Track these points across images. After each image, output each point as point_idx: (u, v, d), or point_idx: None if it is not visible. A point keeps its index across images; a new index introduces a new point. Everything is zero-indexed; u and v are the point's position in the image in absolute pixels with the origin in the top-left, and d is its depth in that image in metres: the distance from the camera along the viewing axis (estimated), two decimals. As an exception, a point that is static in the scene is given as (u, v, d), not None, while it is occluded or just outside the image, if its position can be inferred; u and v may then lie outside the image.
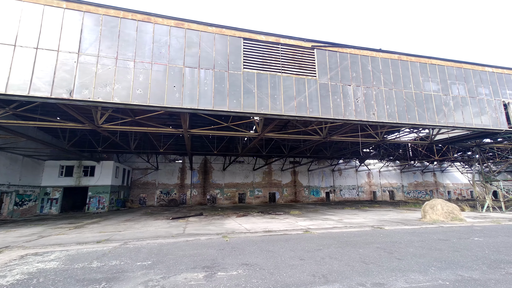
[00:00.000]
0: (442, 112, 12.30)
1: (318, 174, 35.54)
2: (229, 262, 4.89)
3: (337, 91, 11.14)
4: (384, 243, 6.91)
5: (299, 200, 33.77)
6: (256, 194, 32.40)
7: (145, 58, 8.78)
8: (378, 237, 7.88)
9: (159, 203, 28.34)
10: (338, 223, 11.60)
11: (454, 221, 11.49)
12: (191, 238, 7.75)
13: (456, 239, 7.44)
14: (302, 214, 16.36)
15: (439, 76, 12.72)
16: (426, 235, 8.06)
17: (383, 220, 12.57)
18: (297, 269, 4.43)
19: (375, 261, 5.02)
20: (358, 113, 11.22)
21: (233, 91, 9.71)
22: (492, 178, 16.77)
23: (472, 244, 6.65)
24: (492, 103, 13.10)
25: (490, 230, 9.10)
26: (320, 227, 10.17)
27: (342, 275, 4.15)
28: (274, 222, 12.13)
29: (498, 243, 6.79)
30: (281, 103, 10.28)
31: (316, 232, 8.84)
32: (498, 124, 12.91)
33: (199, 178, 30.78)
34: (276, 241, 7.19)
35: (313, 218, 13.56)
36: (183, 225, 11.24)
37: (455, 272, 4.35)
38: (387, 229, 9.58)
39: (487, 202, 16.68)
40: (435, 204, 12.08)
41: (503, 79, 13.54)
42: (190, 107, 9.02)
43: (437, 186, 41.36)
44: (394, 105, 11.76)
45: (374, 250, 6.05)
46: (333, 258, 5.25)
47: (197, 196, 30.13)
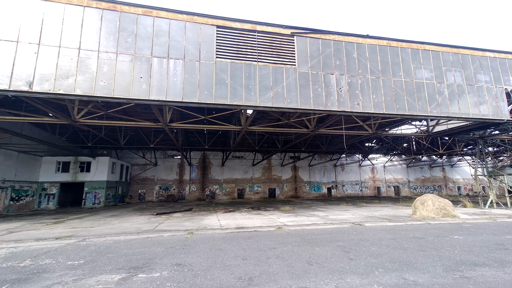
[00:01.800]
0: (435, 102, 11.44)
1: (319, 170, 34.79)
2: (165, 262, 4.57)
3: (319, 80, 10.53)
4: (350, 241, 6.41)
5: (300, 196, 33.23)
6: (256, 189, 32.11)
7: (109, 48, 8.51)
8: (349, 234, 7.37)
9: (158, 198, 28.58)
10: (321, 219, 11.11)
11: (446, 217, 10.73)
12: (155, 235, 7.52)
13: (434, 237, 6.83)
14: (291, 210, 15.91)
15: (433, 62, 11.82)
16: (403, 233, 7.48)
17: (371, 216, 11.96)
18: (229, 270, 4.06)
19: (322, 262, 4.58)
20: (341, 104, 10.59)
21: (204, 82, 9.32)
22: (497, 172, 15.67)
23: (446, 243, 6.05)
24: (492, 91, 12.07)
25: (479, 227, 8.37)
26: (298, 224, 9.73)
27: (272, 277, 3.74)
28: (255, 218, 11.78)
29: (477, 242, 6.15)
30: (256, 93, 9.80)
31: (288, 229, 8.42)
32: (499, 113, 11.90)
33: (198, 173, 30.78)
34: (238, 239, 6.84)
35: (299, 215, 13.10)
36: (161, 221, 11.08)
37: (400, 275, 3.85)
38: (367, 225, 9.02)
39: (491, 197, 15.63)
40: (425, 200, 11.34)
41: (506, 65, 12.44)
42: (157, 99, 8.72)
43: (446, 181, 39.66)
44: (381, 94, 11.03)
45: (332, 248, 5.58)
46: (279, 258, 4.84)
47: (196, 192, 30.18)
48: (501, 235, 7.05)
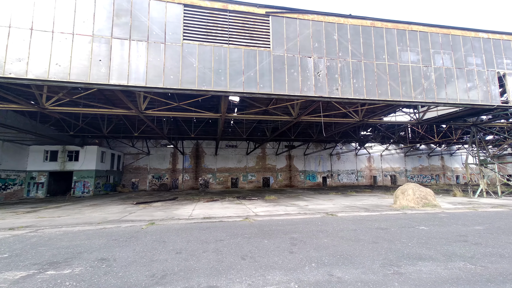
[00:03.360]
0: (420, 87, 10.80)
1: (314, 159, 34.40)
2: (90, 256, 4.30)
3: (295, 64, 9.95)
4: (308, 232, 6.11)
5: (294, 185, 33.07)
6: (250, 179, 32.00)
7: (65, 28, 8.02)
8: (313, 225, 7.08)
9: (151, 187, 28.67)
10: (299, 209, 10.84)
11: (426, 207, 10.36)
12: (113, 225, 7.32)
13: (398, 227, 6.49)
14: (276, 200, 15.69)
15: (421, 44, 11.07)
16: (370, 224, 7.15)
17: (351, 206, 11.65)
18: (149, 266, 3.78)
19: (258, 256, 4.29)
20: (318, 89, 10.04)
21: (170, 66, 8.83)
22: (489, 161, 15.11)
23: (406, 235, 5.71)
24: (483, 74, 11.33)
25: (454, 217, 8.00)
26: (270, 214, 9.48)
27: (188, 274, 3.46)
28: (232, 208, 11.56)
29: (440, 233, 5.79)
30: (226, 78, 9.30)
31: (255, 220, 8.16)
32: (489, 98, 11.23)
33: (191, 163, 30.66)
34: (194, 230, 6.60)
35: (279, 204, 12.86)
36: (135, 210, 10.93)
37: (329, 271, 3.53)
38: (339, 216, 8.71)
39: (481, 186, 15.16)
40: (406, 189, 10.94)
41: (500, 46, 11.62)
42: (118, 83, 8.29)
43: (445, 170, 39.07)
44: (362, 79, 10.42)
45: (282, 241, 5.29)
46: (217, 251, 4.55)
47: (189, 181, 30.18)
48: (471, 225, 6.67)
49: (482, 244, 4.89)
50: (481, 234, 5.75)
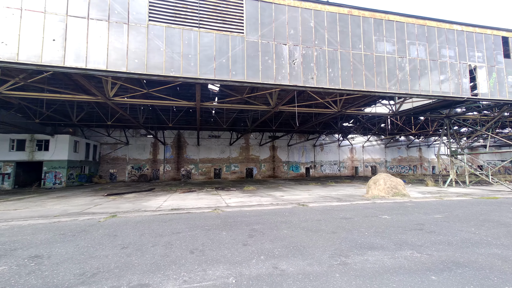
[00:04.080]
0: (394, 78, 10.82)
1: (298, 150, 34.64)
2: (23, 253, 3.96)
3: (269, 51, 9.61)
4: (270, 223, 6.02)
5: (278, 176, 33.29)
6: (233, 169, 31.83)
7: (12, 3, 7.21)
8: (279, 216, 7.02)
9: (130, 178, 27.86)
10: (273, 200, 10.80)
11: (396, 196, 10.63)
12: (70, 218, 6.91)
13: (362, 217, 6.54)
14: (254, 190, 15.64)
15: (397, 35, 11.01)
16: (336, 213, 7.18)
17: (326, 196, 11.77)
18: (84, 263, 3.51)
19: (209, 249, 4.15)
20: (293, 77, 9.80)
21: (135, 49, 8.25)
22: (459, 152, 15.70)
23: (367, 224, 5.74)
24: (456, 67, 11.52)
25: (419, 206, 8.21)
26: (242, 205, 9.36)
27: (123, 271, 3.24)
28: (206, 199, 11.36)
29: (399, 222, 5.87)
30: (196, 64, 8.84)
31: (224, 211, 8.00)
32: (460, 91, 11.47)
33: (173, 153, 29.97)
34: (154, 222, 6.36)
35: (255, 195, 12.79)
36: (102, 202, 10.47)
37: (276, 264, 3.44)
38: (310, 206, 8.73)
39: (451, 176, 15.80)
40: (378, 179, 11.15)
41: (473, 39, 11.80)
42: (75, 66, 7.65)
43: (422, 161, 40.66)
44: (338, 68, 10.27)
45: (240, 233, 5.16)
46: (168, 245, 4.35)
47: (170, 172, 29.57)
48: (432, 214, 6.85)
49: (435, 232, 4.98)
50: (438, 222, 5.89)
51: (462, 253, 3.79)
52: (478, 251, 3.91)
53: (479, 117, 17.60)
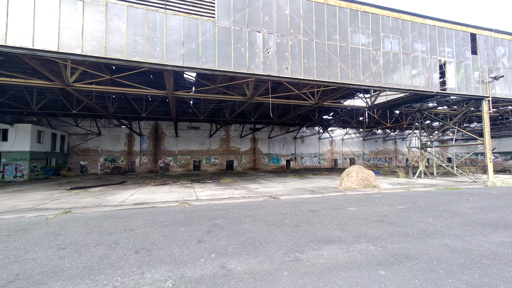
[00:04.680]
0: (369, 71, 10.85)
1: (279, 142, 34.71)
2: None
3: (242, 38, 9.18)
4: (236, 217, 5.82)
5: (258, 168, 33.28)
6: (213, 161, 31.32)
7: None
8: (248, 209, 6.84)
9: (103, 171, 26.52)
10: (247, 192, 10.62)
11: (367, 188, 10.87)
12: (14, 216, 6.28)
13: (329, 209, 6.53)
14: (231, 182, 15.41)
15: (372, 27, 10.98)
16: (306, 206, 7.13)
17: (300, 188, 11.79)
18: (4, 269, 3.08)
19: (157, 248, 3.86)
20: (267, 67, 9.49)
21: (91, 29, 7.48)
22: (428, 144, 16.38)
23: (332, 217, 5.71)
24: (427, 61, 11.77)
25: (386, 198, 8.40)
26: (214, 198, 9.09)
27: (48, 277, 2.88)
28: (177, 192, 10.95)
29: (364, 214, 5.90)
30: (163, 49, 8.24)
31: (192, 204, 7.69)
32: (430, 85, 11.78)
33: (150, 144, 28.83)
34: (110, 218, 5.93)
35: (230, 187, 12.56)
36: (62, 197, 9.75)
37: (225, 263, 3.22)
38: (282, 199, 8.64)
39: (420, 168, 16.52)
40: (351, 171, 11.32)
41: (444, 35, 12.08)
42: (20, 46, 6.80)
43: (397, 153, 42.45)
44: (313, 59, 10.09)
45: (200, 228, 4.91)
46: (113, 244, 4.00)
47: (147, 164, 28.51)
48: (396, 205, 7.00)
49: (394, 224, 5.02)
50: (399, 213, 5.98)
51: (415, 245, 3.80)
52: (431, 242, 3.94)
53: (448, 111, 18.43)
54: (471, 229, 4.65)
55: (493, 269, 2.95)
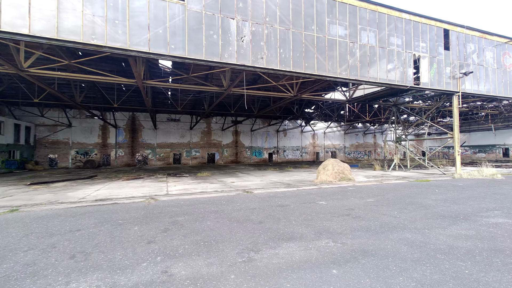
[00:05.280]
0: (345, 63, 10.76)
1: (261, 135, 34.53)
2: None
3: (215, 25, 8.68)
4: (200, 213, 5.53)
5: (240, 161, 33.02)
6: (194, 154, 30.61)
7: None
8: (215, 204, 6.57)
9: (75, 164, 25.05)
10: (222, 186, 10.33)
11: (342, 181, 10.95)
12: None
13: (300, 204, 6.41)
14: (208, 176, 15.04)
15: (349, 19, 10.83)
16: (277, 200, 6.98)
17: (277, 182, 11.67)
18: None
19: (99, 251, 3.51)
20: (241, 56, 9.09)
21: (40, 6, 6.68)
22: (403, 138, 16.86)
23: (298, 211, 5.58)
24: (402, 55, 11.89)
25: (358, 191, 8.46)
26: (185, 193, 8.73)
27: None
28: (148, 186, 10.44)
29: (332, 208, 5.83)
30: (125, 32, 7.58)
31: (159, 199, 7.29)
32: (405, 79, 11.96)
33: (126, 137, 27.55)
34: (59, 217, 5.44)
35: (206, 181, 12.20)
36: (16, 193, 8.95)
37: (169, 266, 2.93)
38: (255, 193, 8.44)
39: (395, 161, 17.02)
40: (327, 165, 11.35)
41: (419, 29, 12.22)
42: (-49, 23, 5.92)
43: (376, 147, 43.83)
44: (289, 49, 9.80)
45: (156, 227, 4.59)
46: (49, 247, 3.61)
47: (124, 157, 27.30)
48: (366, 198, 7.02)
49: (360, 218, 4.96)
50: (367, 207, 5.97)
51: (375, 240, 3.71)
52: (391, 236, 3.88)
53: (423, 106, 19.05)
54: (432, 221, 4.68)
55: (445, 264, 2.89)
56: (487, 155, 37.04)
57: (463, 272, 2.70)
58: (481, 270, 2.74)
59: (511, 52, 14.50)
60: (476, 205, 6.07)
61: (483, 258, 3.05)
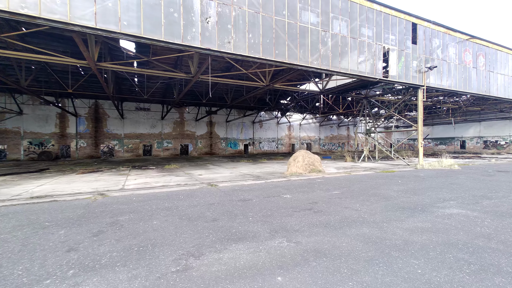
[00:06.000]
0: (317, 52, 10.48)
1: (237, 126, 33.90)
2: None
3: (175, 2, 7.82)
4: (148, 211, 4.96)
5: (215, 153, 32.24)
6: (166, 146, 29.22)
7: None
8: (171, 200, 6.01)
9: (28, 156, 22.59)
10: (188, 179, 9.72)
11: (312, 173, 10.89)
12: None
13: (263, 198, 6.08)
14: (177, 168, 14.26)
15: (321, 6, 10.48)
16: (240, 194, 6.59)
17: (247, 174, 11.29)
18: None
19: None
20: (206, 39, 8.36)
21: None
22: (372, 130, 17.32)
23: (259, 206, 5.25)
24: (372, 47, 11.91)
25: (326, 183, 8.37)
26: (143, 187, 8.01)
27: None
28: (103, 180, 9.50)
29: (296, 202, 5.57)
30: (66, 3, 6.49)
31: (110, 195, 6.54)
32: (375, 72, 12.04)
33: (89, 126, 25.39)
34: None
35: (172, 174, 11.48)
36: None
37: (81, 282, 2.36)
38: (220, 186, 7.98)
39: (365, 152, 17.50)
40: (297, 156, 11.19)
41: (388, 21, 12.29)
42: None
43: (349, 139, 45.37)
44: (259, 34, 9.24)
45: (87, 230, 3.96)
46: None
47: (86, 148, 25.20)
48: (332, 190, 6.90)
49: (321, 212, 4.73)
50: (331, 199, 5.80)
51: (331, 237, 3.46)
52: (349, 232, 3.66)
53: (392, 99, 19.70)
54: (391, 214, 4.58)
55: (398, 263, 2.68)
56: (447, 147, 40.06)
57: (415, 272, 2.50)
58: (433, 269, 2.56)
59: (470, 49, 15.29)
60: (434, 195, 6.18)
61: (437, 254, 2.90)
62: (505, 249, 3.02)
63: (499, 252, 2.94)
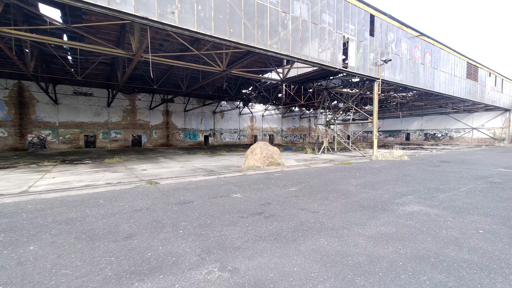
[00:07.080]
0: (277, 35, 9.58)
1: (196, 116, 31.87)
2: None
3: (97, -50, 6.03)
4: (29, 228, 3.56)
5: (173, 144, 29.91)
6: (114, 136, 25.96)
7: None
8: (85, 206, 4.60)
9: None
10: (126, 176, 8.14)
11: (271, 166, 10.19)
12: None
13: (208, 199, 5.03)
14: (119, 162, 12.31)
15: (282, -17, 9.55)
16: (182, 194, 5.44)
17: (200, 168, 10.08)
18: None
19: None
20: (142, 5, 6.77)
21: None
22: (331, 122, 17.44)
23: (198, 212, 4.21)
24: (333, 35, 11.50)
25: (284, 177, 7.68)
26: (59, 188, 6.29)
27: None
28: (6, 180, 7.38)
29: (245, 203, 4.66)
30: None
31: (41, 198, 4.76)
32: (335, 61, 11.71)
33: (10, 112, 20.97)
34: None
35: (109, 170, 9.68)
36: None
37: None
38: (162, 183, 6.70)
39: (324, 144, 17.60)
40: (255, 148, 10.37)
41: (349, 10, 11.98)
42: None
43: (310, 130, 46.66)
44: (211, 7, 7.93)
45: None
46: None
47: (7, 139, 20.86)
48: (290, 186, 6.20)
49: (274, 216, 3.91)
50: (287, 199, 5.05)
51: (280, 257, 2.61)
52: (303, 247, 2.87)
53: (350, 92, 20.15)
54: (351, 215, 3.98)
55: (365, 299, 1.94)
56: (395, 139, 43.89)
57: (388, 315, 1.76)
58: (409, 305, 1.87)
59: (419, 46, 16.14)
60: (392, 189, 5.90)
61: (409, 277, 2.25)
62: (480, 262, 2.54)
63: (475, 267, 2.42)
